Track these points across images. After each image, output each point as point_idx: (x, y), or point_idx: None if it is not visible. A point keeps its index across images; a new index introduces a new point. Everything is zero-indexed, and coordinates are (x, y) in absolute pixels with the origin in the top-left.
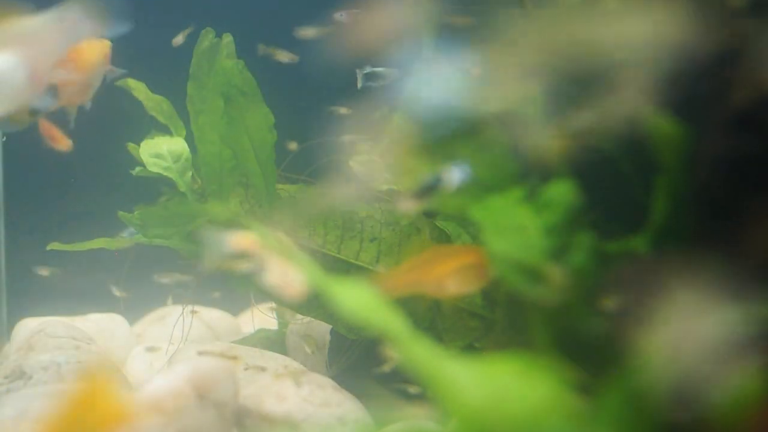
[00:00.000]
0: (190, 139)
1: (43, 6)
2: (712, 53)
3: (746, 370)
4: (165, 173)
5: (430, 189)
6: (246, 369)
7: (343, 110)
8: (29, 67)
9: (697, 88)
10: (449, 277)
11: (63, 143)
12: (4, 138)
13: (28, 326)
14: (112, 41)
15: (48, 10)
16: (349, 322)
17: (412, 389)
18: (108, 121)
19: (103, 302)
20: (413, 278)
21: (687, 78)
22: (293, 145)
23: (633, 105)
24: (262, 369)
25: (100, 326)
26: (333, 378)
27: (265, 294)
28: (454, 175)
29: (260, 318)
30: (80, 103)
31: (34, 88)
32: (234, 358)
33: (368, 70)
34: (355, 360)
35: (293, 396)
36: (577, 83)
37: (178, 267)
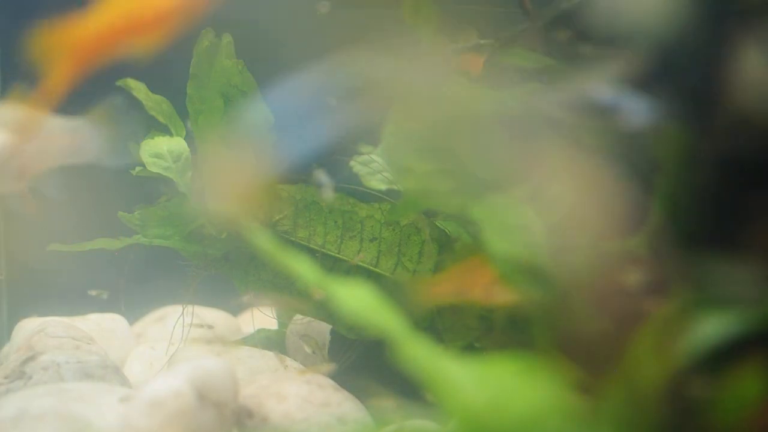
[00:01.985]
0: (190, 139)
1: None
2: (712, 51)
3: (746, 370)
4: (165, 173)
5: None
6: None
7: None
8: (12, 154)
9: (697, 86)
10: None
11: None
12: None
13: (28, 326)
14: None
15: (71, 117)
16: (349, 322)
17: (413, 390)
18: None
19: (103, 302)
20: (460, 285)
21: (687, 75)
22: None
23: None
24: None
25: (100, 326)
26: (333, 378)
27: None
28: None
29: (260, 318)
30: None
31: (5, 175)
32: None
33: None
34: (355, 360)
35: (293, 396)
36: None
37: (178, 267)
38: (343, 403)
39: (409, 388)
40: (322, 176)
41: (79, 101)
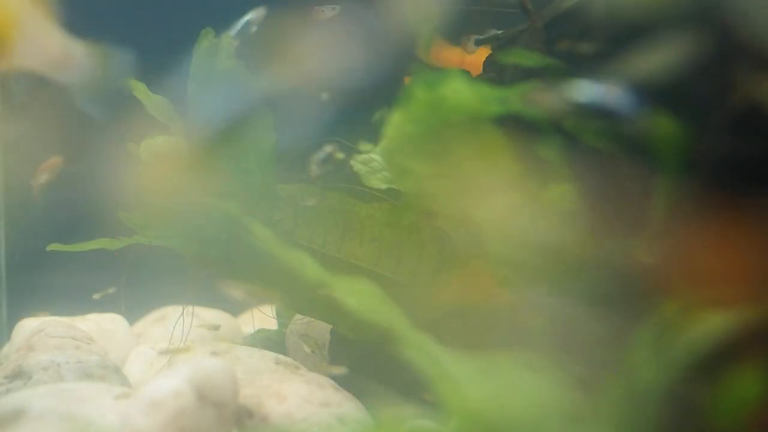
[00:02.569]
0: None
1: None
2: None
3: (746, 369)
4: None
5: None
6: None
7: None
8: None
9: (698, 87)
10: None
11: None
12: None
13: (28, 326)
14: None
15: (74, 36)
16: (350, 322)
17: (413, 389)
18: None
19: (103, 302)
20: (463, 287)
21: (688, 77)
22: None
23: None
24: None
25: (100, 326)
26: (333, 378)
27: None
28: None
29: (260, 318)
30: None
31: None
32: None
33: (483, 36)
34: (356, 360)
35: (293, 396)
36: None
37: (178, 267)
38: (343, 403)
39: (409, 388)
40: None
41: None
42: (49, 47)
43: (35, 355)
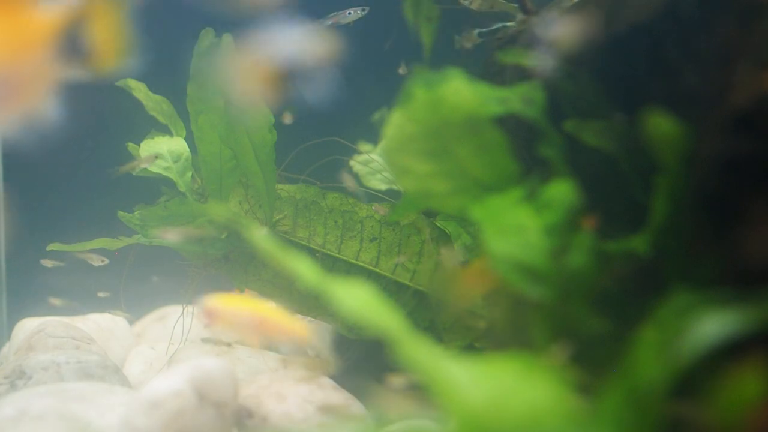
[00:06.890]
0: (190, 139)
1: None
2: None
3: (745, 369)
4: (165, 173)
5: None
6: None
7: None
8: None
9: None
10: None
11: None
12: None
13: (28, 326)
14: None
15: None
16: (350, 322)
17: (412, 389)
18: (108, 121)
19: (103, 302)
20: (466, 286)
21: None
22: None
23: None
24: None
25: (100, 326)
26: (333, 378)
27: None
28: None
29: None
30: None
31: None
32: (229, 345)
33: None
34: (355, 360)
35: (293, 396)
36: None
37: (178, 267)
38: (343, 403)
39: (409, 388)
40: None
41: None
42: None
43: (35, 355)
